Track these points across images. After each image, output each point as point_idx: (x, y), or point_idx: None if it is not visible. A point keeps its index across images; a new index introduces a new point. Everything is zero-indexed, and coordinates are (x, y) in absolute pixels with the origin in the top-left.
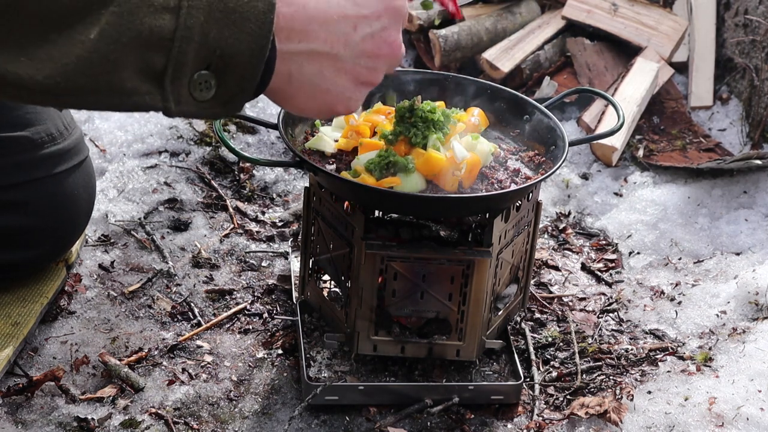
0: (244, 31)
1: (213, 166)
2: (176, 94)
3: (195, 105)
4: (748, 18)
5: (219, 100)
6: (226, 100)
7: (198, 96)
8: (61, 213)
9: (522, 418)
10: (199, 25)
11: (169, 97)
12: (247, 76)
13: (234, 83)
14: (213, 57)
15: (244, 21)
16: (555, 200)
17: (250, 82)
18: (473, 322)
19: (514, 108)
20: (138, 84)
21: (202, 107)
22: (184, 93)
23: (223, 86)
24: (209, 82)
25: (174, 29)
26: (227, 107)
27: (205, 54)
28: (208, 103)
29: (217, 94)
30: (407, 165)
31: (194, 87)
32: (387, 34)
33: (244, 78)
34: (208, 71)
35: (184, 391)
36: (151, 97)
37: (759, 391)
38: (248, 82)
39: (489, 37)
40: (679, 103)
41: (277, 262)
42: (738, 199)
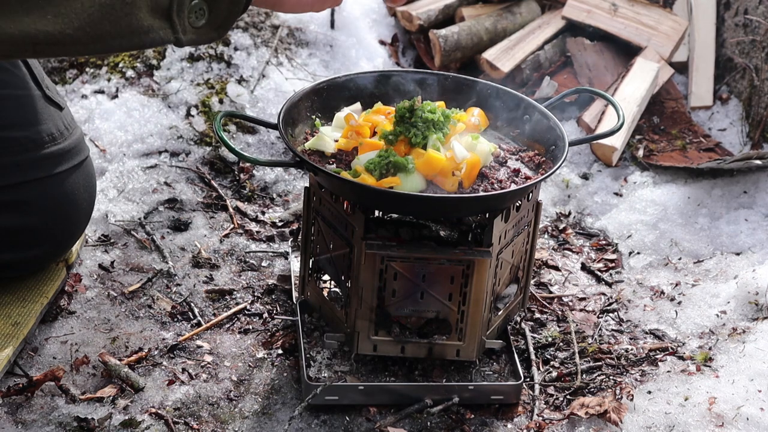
0: None
1: (213, 166)
2: (182, 25)
3: (194, 33)
4: (748, 18)
5: (212, 24)
6: (218, 24)
7: (194, 23)
8: (62, 213)
9: (522, 418)
10: None
11: (178, 29)
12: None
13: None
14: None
15: None
16: (555, 200)
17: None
18: (473, 322)
19: (514, 108)
20: (152, 21)
21: (199, 33)
22: (186, 23)
23: (214, 11)
24: (203, 9)
25: None
26: (219, 31)
27: None
28: (203, 28)
29: (209, 20)
30: (407, 165)
31: (191, 16)
32: None
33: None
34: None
35: (184, 391)
36: (165, 31)
37: (759, 391)
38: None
39: (489, 37)
40: (679, 103)
41: (277, 262)
42: (738, 199)
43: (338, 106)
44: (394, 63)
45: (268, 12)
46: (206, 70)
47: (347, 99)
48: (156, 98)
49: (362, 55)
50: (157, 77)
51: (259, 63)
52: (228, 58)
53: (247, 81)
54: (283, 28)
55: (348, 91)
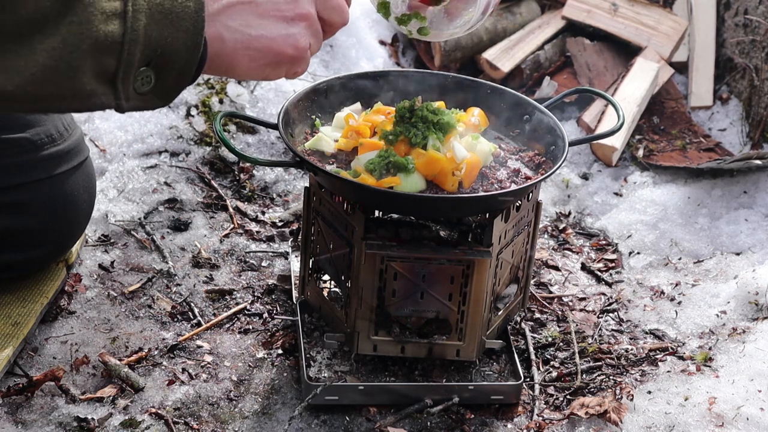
0: (180, 29)
1: (213, 166)
2: (126, 91)
3: (138, 99)
4: (748, 18)
5: (157, 92)
6: (163, 93)
7: (140, 89)
8: (62, 214)
9: (522, 418)
10: (143, 28)
11: (120, 96)
12: (183, 70)
13: (171, 77)
14: (154, 55)
15: (180, 20)
16: (555, 200)
17: (186, 74)
18: (473, 322)
19: (514, 108)
20: (96, 86)
21: (143, 100)
22: (130, 89)
23: (161, 80)
24: (149, 76)
25: (123, 33)
26: (164, 98)
27: (149, 53)
28: (148, 96)
29: (155, 88)
30: (407, 165)
31: (137, 83)
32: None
33: (180, 72)
34: (148, 67)
35: (184, 391)
36: (107, 97)
37: (759, 391)
38: (184, 75)
39: (489, 37)
40: (679, 103)
41: (277, 262)
42: (738, 199)
43: (338, 106)
44: (394, 63)
45: None
46: None
47: (347, 99)
48: None
49: (362, 55)
50: None
51: None
52: None
53: (247, 81)
54: None
55: (348, 91)
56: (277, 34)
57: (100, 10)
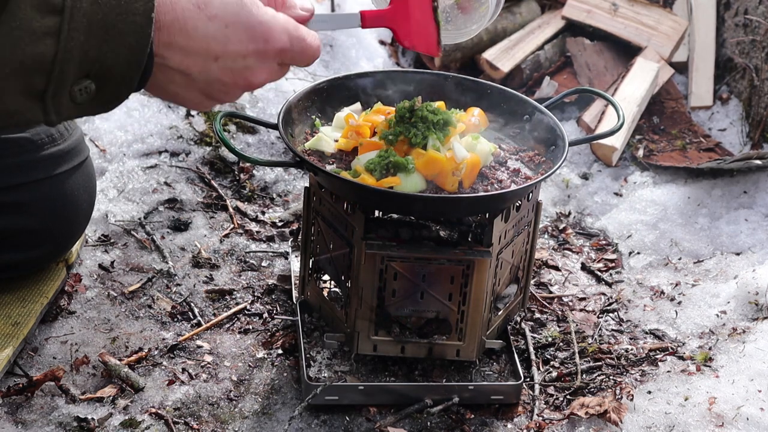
0: (122, 44)
1: (213, 166)
2: (57, 106)
3: (75, 108)
4: (748, 18)
5: (99, 100)
6: (105, 101)
7: (78, 100)
8: (62, 214)
9: (522, 418)
10: (79, 45)
11: (50, 111)
12: (125, 82)
13: (113, 88)
14: (93, 68)
15: (123, 35)
16: (555, 200)
17: (128, 87)
18: (473, 322)
19: (514, 108)
20: (20, 105)
21: (82, 109)
22: (65, 102)
23: (102, 90)
24: (89, 87)
25: (55, 53)
26: (107, 106)
27: (86, 67)
28: (89, 105)
29: (97, 97)
30: (407, 165)
31: (74, 95)
32: (249, 72)
33: (122, 84)
34: (88, 78)
35: (184, 391)
36: (33, 113)
37: (759, 391)
38: (126, 87)
39: (489, 37)
40: (679, 103)
41: (277, 262)
42: (738, 199)
43: (338, 106)
44: (394, 63)
45: None
46: None
47: (347, 99)
48: (156, 98)
49: (362, 55)
50: None
51: None
52: None
53: None
54: None
55: (348, 91)
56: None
57: (30, 30)
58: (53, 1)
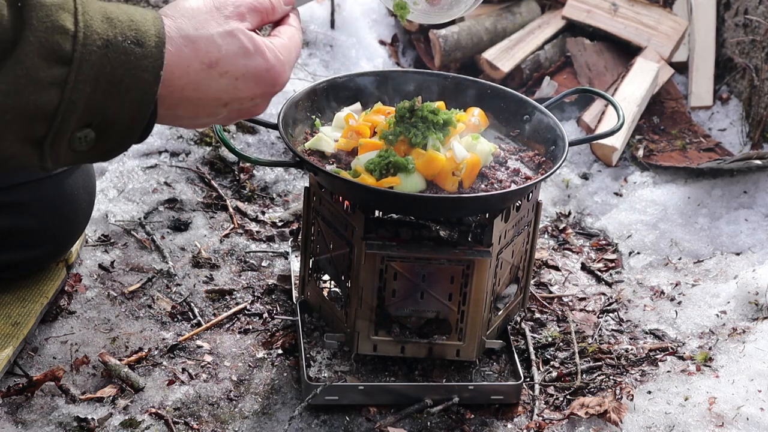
0: (127, 100)
1: (213, 166)
2: (55, 153)
3: (73, 156)
4: (748, 18)
5: (98, 151)
6: (104, 152)
7: (77, 148)
8: (61, 214)
9: (522, 418)
10: (85, 97)
11: (47, 158)
12: (126, 135)
13: (113, 141)
14: (95, 119)
15: (129, 90)
16: (555, 200)
17: (129, 140)
18: (473, 322)
19: (514, 108)
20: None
21: (79, 157)
22: (63, 149)
23: (102, 141)
24: (89, 137)
25: (59, 103)
26: (105, 156)
27: (88, 118)
28: (86, 154)
29: (96, 147)
30: (407, 165)
31: (73, 143)
32: (256, 108)
33: (124, 137)
34: (90, 128)
35: (184, 391)
36: (30, 159)
37: (759, 391)
38: (128, 140)
39: (489, 37)
40: (679, 103)
41: (277, 262)
42: (738, 199)
43: (338, 106)
44: (394, 63)
45: None
46: None
47: (347, 99)
48: None
49: (362, 55)
50: None
51: None
52: None
53: None
54: None
55: (348, 91)
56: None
57: (35, 80)
58: (62, 51)
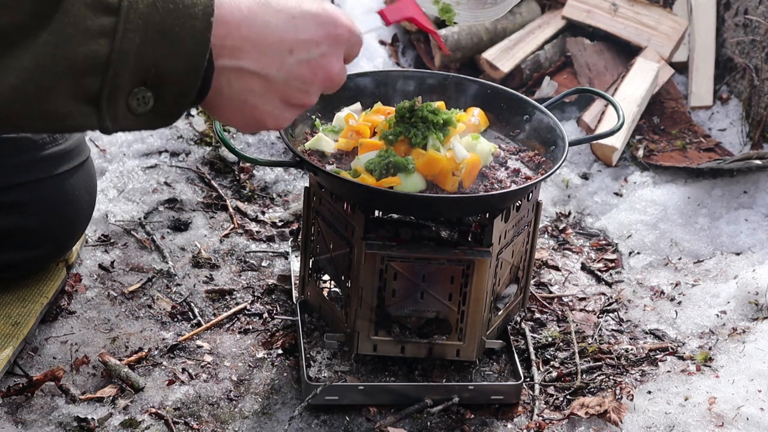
0: (180, 50)
1: (213, 166)
2: (113, 113)
3: (134, 120)
4: (748, 18)
5: (157, 113)
6: (164, 113)
7: (136, 110)
8: (62, 214)
9: (522, 418)
10: (135, 47)
11: (105, 117)
12: (183, 92)
13: (171, 99)
14: (149, 74)
15: (181, 41)
16: (555, 200)
17: (187, 97)
18: (473, 322)
19: (514, 108)
20: (73, 108)
21: (140, 121)
22: (122, 110)
23: (160, 101)
24: (146, 97)
25: (109, 53)
26: (166, 119)
27: (142, 73)
28: (147, 116)
29: (155, 108)
30: (407, 165)
31: (132, 102)
32: (325, 60)
33: (180, 94)
34: (145, 87)
35: (184, 391)
36: (87, 118)
37: (759, 391)
38: (185, 97)
39: (489, 37)
40: (679, 103)
41: (277, 262)
42: (738, 199)
43: (338, 106)
44: (394, 63)
45: None
46: None
47: (347, 99)
48: None
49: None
50: None
51: None
52: None
53: None
54: None
55: (348, 91)
56: (270, 112)
57: (83, 29)
58: (109, 1)
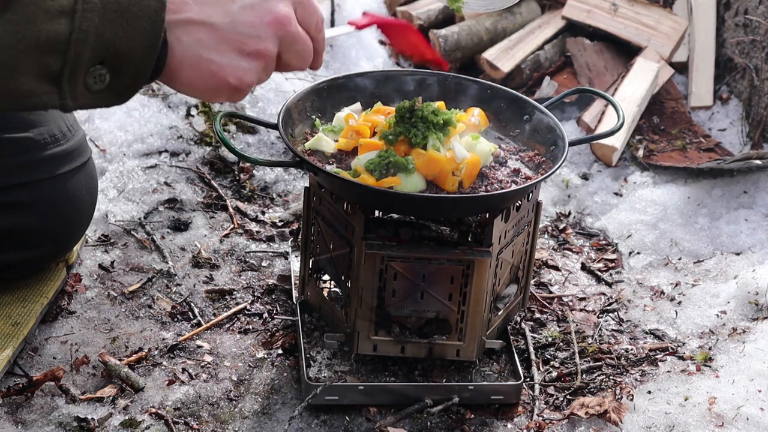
0: (137, 29)
1: (213, 166)
2: (73, 91)
3: (90, 97)
4: (748, 18)
5: (113, 90)
6: (119, 91)
7: (92, 88)
8: (63, 214)
9: (522, 418)
10: (93, 27)
11: (66, 95)
12: (140, 70)
13: (128, 76)
14: (107, 54)
15: (137, 19)
16: (555, 200)
17: (143, 75)
18: (473, 322)
19: (514, 108)
20: (36, 86)
21: (96, 98)
22: (80, 88)
23: (117, 79)
24: (103, 75)
25: (70, 33)
26: (121, 97)
27: (100, 52)
28: (103, 94)
29: (110, 86)
30: (407, 165)
31: (89, 81)
32: (270, 4)
33: (137, 72)
34: (102, 65)
35: (184, 391)
36: (50, 96)
37: (759, 391)
38: (141, 75)
39: (489, 37)
40: (679, 103)
41: (277, 262)
42: (738, 199)
43: (338, 106)
44: (394, 63)
45: None
46: None
47: (347, 99)
48: (156, 98)
49: (362, 55)
50: None
51: None
52: None
53: None
54: None
55: (348, 91)
56: (227, 64)
57: (44, 8)
58: None
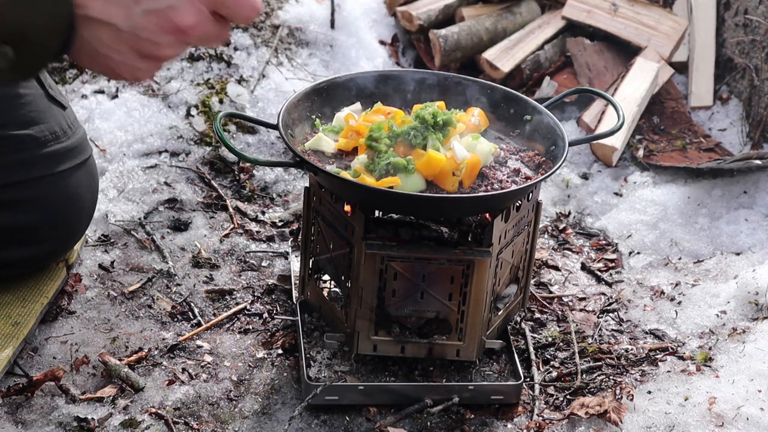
0: (43, 11)
1: (213, 166)
2: None
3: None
4: (748, 18)
5: (16, 69)
6: (23, 70)
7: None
8: (64, 211)
9: (522, 418)
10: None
11: None
12: (45, 50)
13: (32, 56)
14: (10, 34)
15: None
16: (555, 200)
17: (47, 55)
18: (473, 322)
19: (514, 108)
20: None
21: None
22: None
23: (21, 57)
24: (6, 53)
25: None
26: (25, 75)
27: (4, 32)
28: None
29: (15, 64)
30: (407, 165)
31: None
32: (173, 12)
33: (41, 53)
34: (6, 44)
35: (184, 391)
36: None
37: (759, 391)
38: (45, 55)
39: (489, 37)
40: (679, 103)
41: (277, 262)
42: (738, 199)
43: (338, 106)
44: (394, 63)
45: (268, 12)
46: (206, 70)
47: (347, 99)
48: (156, 98)
49: (362, 55)
50: (156, 77)
51: (259, 63)
52: (228, 57)
53: (247, 81)
54: (283, 28)
55: (348, 91)
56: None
57: None
58: None
